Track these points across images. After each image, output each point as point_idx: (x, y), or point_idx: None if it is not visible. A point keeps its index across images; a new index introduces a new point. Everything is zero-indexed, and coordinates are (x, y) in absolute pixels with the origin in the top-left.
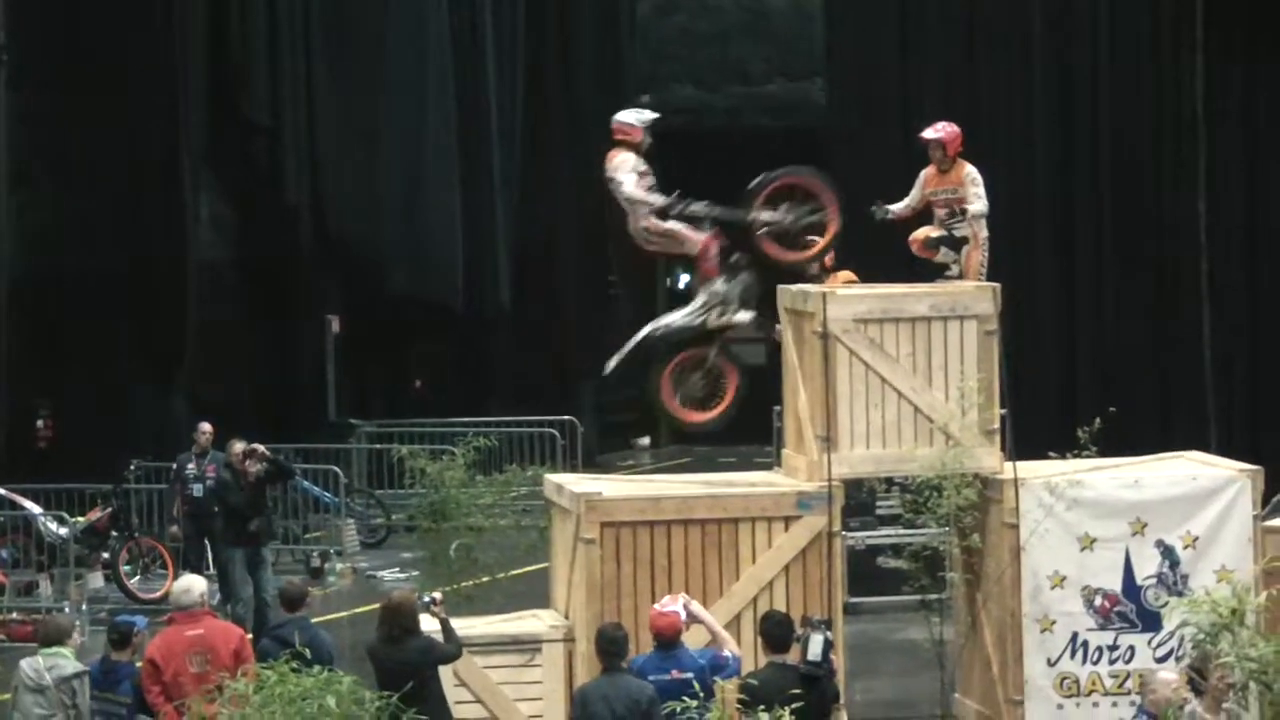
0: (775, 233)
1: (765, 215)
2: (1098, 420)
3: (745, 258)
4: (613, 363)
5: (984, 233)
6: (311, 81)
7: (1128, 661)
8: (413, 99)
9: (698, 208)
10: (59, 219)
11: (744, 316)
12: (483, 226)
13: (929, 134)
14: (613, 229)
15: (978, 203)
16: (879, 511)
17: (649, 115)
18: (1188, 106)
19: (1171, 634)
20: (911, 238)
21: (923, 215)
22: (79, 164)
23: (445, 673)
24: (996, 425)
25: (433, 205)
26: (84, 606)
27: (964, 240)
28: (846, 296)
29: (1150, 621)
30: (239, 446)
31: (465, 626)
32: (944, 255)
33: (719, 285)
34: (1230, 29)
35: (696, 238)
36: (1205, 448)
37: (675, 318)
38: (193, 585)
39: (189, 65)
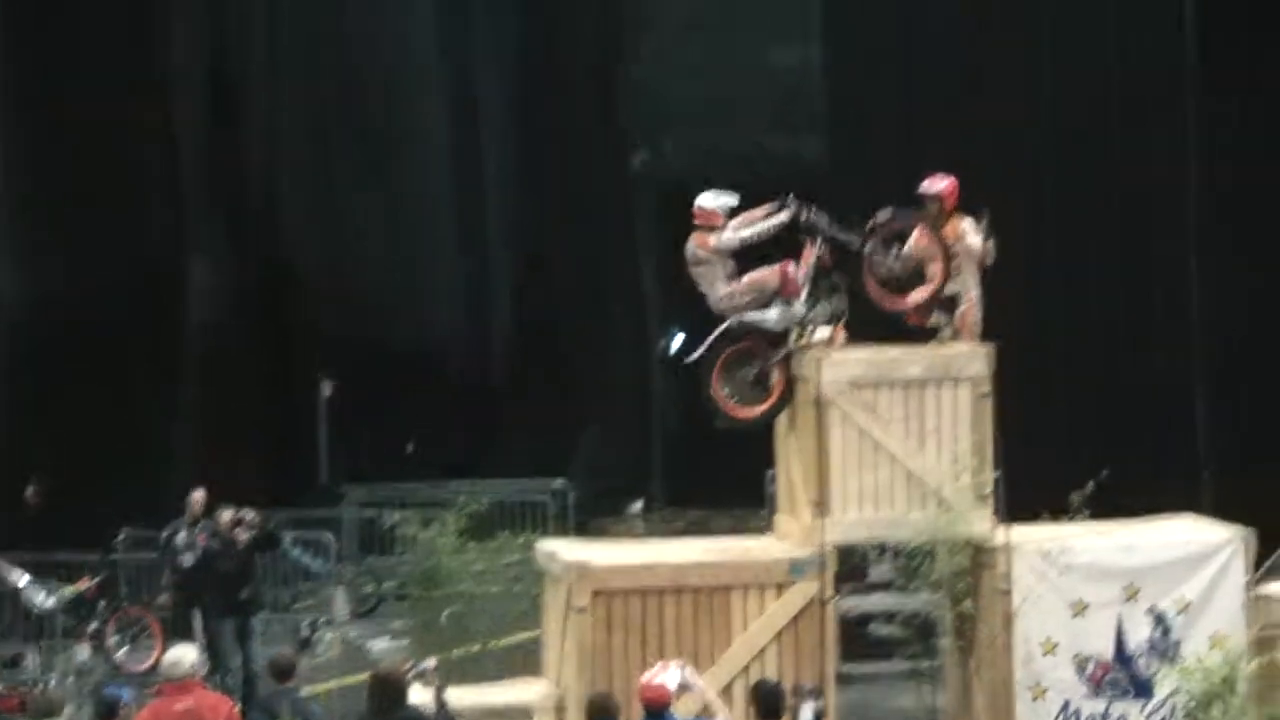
0: (882, 274)
1: (878, 255)
2: (1090, 484)
3: (844, 280)
4: (697, 354)
5: (976, 290)
6: (309, 143)
7: None
8: (410, 160)
9: (820, 220)
10: (50, 279)
11: (823, 334)
12: (478, 288)
13: (927, 189)
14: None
15: (988, 243)
16: (871, 578)
17: (729, 199)
18: (1178, 153)
19: (1164, 702)
20: (904, 303)
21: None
22: (74, 227)
23: None
24: (989, 489)
25: (426, 266)
26: (71, 679)
27: (955, 300)
28: (841, 360)
29: (1142, 689)
30: (227, 514)
31: (456, 695)
32: (936, 318)
33: (798, 307)
34: (1227, 76)
35: (773, 272)
36: (1199, 509)
37: (759, 315)
38: (183, 657)
39: (188, 126)
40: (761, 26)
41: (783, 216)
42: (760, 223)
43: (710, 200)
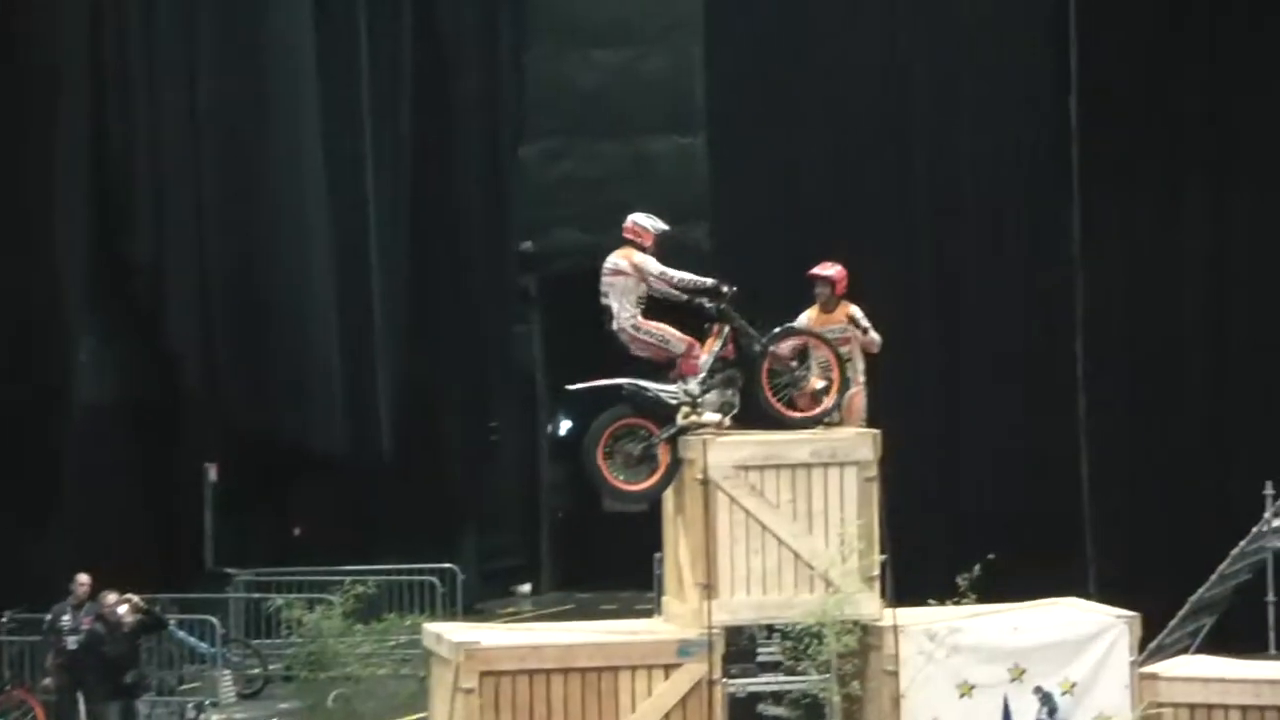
0: (779, 379)
1: (779, 356)
2: (977, 567)
3: (741, 377)
4: (576, 386)
5: (862, 377)
6: (195, 230)
7: None
8: (295, 245)
9: (733, 313)
10: None
11: (711, 419)
12: (364, 372)
13: (819, 272)
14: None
15: (873, 333)
16: (760, 658)
17: (661, 224)
18: (1065, 247)
19: None
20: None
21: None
22: None
23: None
24: (877, 571)
25: (314, 350)
26: None
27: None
28: (728, 443)
29: None
30: (112, 597)
31: None
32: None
33: (693, 385)
34: (1105, 174)
35: (683, 338)
36: (1085, 592)
37: (651, 385)
38: None
39: (71, 205)
40: (647, 117)
41: (707, 282)
42: (685, 273)
43: (643, 219)
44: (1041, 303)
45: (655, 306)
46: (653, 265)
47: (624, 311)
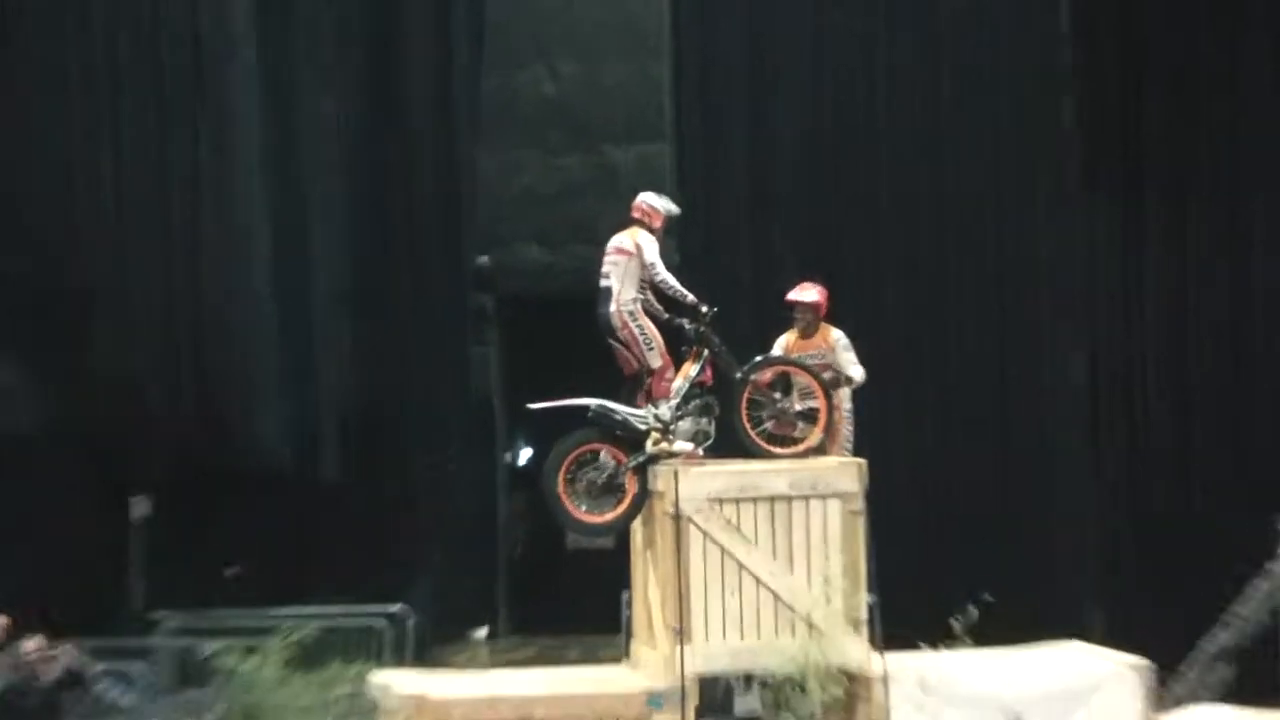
0: (759, 410)
1: (761, 385)
2: (972, 608)
3: (717, 405)
4: (538, 405)
5: (847, 404)
6: (125, 246)
7: None
8: (236, 261)
9: (713, 338)
10: None
11: (682, 447)
12: (310, 400)
13: (798, 296)
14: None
15: (855, 370)
16: (737, 711)
17: (673, 207)
18: (1065, 268)
19: None
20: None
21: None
22: None
23: None
24: (864, 613)
25: (254, 377)
26: None
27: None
28: (700, 473)
29: None
30: (31, 644)
31: None
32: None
33: (664, 410)
34: (1111, 204)
35: (665, 354)
36: (1091, 635)
37: (620, 407)
38: None
39: None
40: (609, 129)
41: (688, 296)
42: (672, 277)
43: (654, 198)
44: (1042, 323)
45: None
46: (649, 253)
47: (626, 293)
